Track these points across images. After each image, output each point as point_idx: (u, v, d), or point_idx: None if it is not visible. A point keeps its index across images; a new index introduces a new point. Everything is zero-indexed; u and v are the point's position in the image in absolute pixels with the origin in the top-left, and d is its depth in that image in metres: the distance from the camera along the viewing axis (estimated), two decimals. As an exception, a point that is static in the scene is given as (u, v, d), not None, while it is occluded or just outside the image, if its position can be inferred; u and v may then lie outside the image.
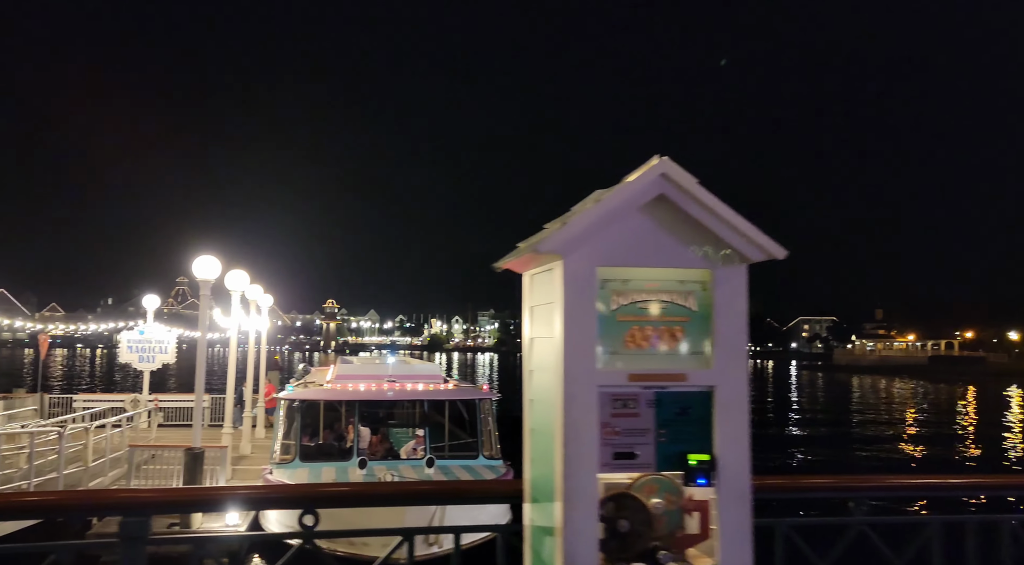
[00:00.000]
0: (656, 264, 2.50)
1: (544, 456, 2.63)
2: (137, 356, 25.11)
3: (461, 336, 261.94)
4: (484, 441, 14.76)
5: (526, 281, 2.91)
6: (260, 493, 3.13)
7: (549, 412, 2.57)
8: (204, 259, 13.26)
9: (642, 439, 2.48)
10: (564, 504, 2.39)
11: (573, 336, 2.42)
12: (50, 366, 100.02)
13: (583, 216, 2.42)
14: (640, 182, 2.44)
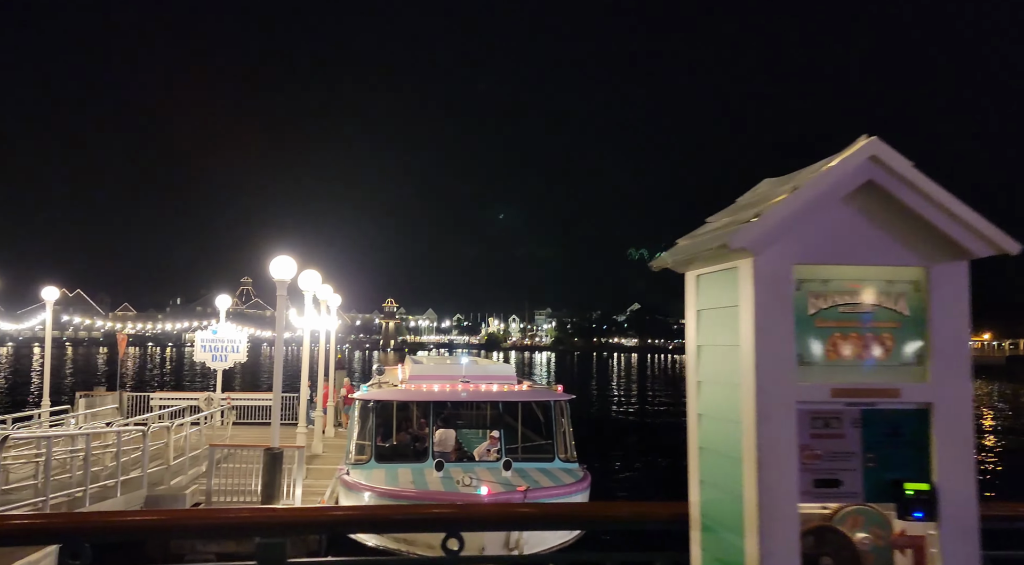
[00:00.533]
0: (862, 262, 2.17)
1: (720, 479, 2.32)
2: (210, 355, 25.55)
3: (518, 335, 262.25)
4: (560, 443, 14.46)
5: (690, 282, 2.61)
6: (398, 514, 2.85)
7: (727, 430, 2.26)
8: (281, 259, 13.29)
9: (847, 464, 2.16)
10: (760, 538, 2.08)
11: (767, 345, 2.10)
12: (123, 364, 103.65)
13: (780, 208, 2.10)
14: (845, 167, 2.11)
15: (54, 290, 21.60)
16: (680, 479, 2.66)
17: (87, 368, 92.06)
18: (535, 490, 11.41)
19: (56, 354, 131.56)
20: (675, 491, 10.06)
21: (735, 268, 2.22)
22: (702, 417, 2.48)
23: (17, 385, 60.91)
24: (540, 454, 14.55)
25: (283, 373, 14.04)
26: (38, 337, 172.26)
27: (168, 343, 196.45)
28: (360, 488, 12.45)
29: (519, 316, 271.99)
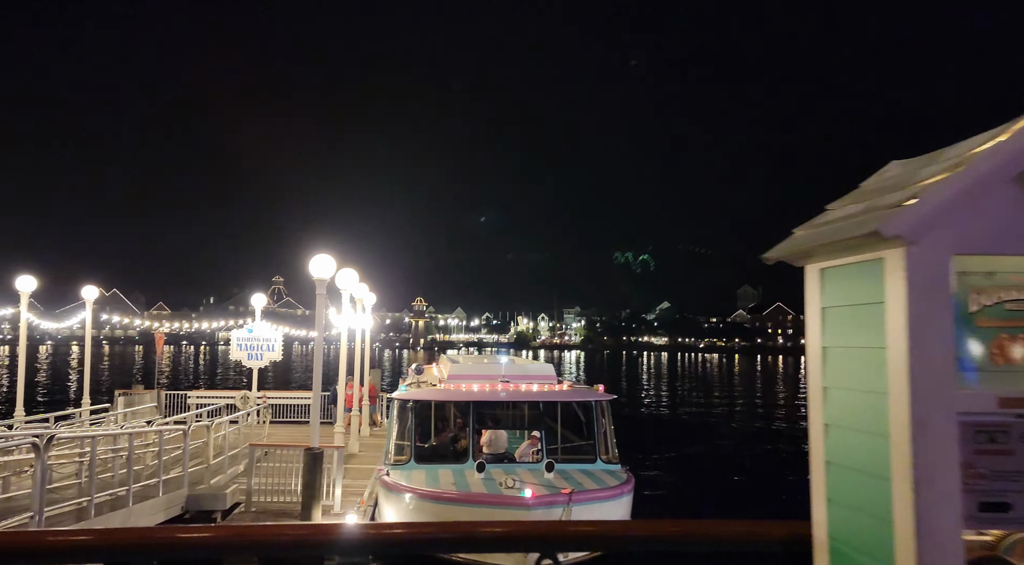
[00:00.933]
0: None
1: (857, 499, 2.06)
2: (246, 354, 25.69)
3: (547, 333, 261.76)
4: (602, 444, 14.20)
5: (811, 276, 2.34)
6: (489, 531, 2.61)
7: (866, 444, 2.00)
8: (320, 258, 13.19)
9: (1015, 485, 1.89)
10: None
11: (922, 348, 1.83)
12: (158, 363, 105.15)
13: (939, 189, 1.84)
14: (1016, 143, 1.84)
15: (94, 289, 21.79)
16: (724, 481, 2.50)
17: (123, 366, 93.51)
18: (580, 493, 11.15)
19: (94, 352, 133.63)
20: (721, 495, 9.65)
21: (879, 260, 1.95)
22: (829, 427, 2.22)
23: (56, 383, 61.96)
24: (581, 455, 14.29)
25: (324, 373, 13.93)
26: (75, 336, 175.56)
27: (202, 342, 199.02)
28: (400, 489, 12.28)
29: (548, 315, 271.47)
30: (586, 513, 11.23)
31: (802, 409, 49.20)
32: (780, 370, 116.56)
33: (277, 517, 13.03)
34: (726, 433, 34.98)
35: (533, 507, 10.64)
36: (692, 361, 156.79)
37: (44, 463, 8.34)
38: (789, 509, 4.82)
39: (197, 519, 13.03)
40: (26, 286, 18.08)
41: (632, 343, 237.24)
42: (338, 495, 13.52)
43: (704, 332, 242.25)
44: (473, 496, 11.23)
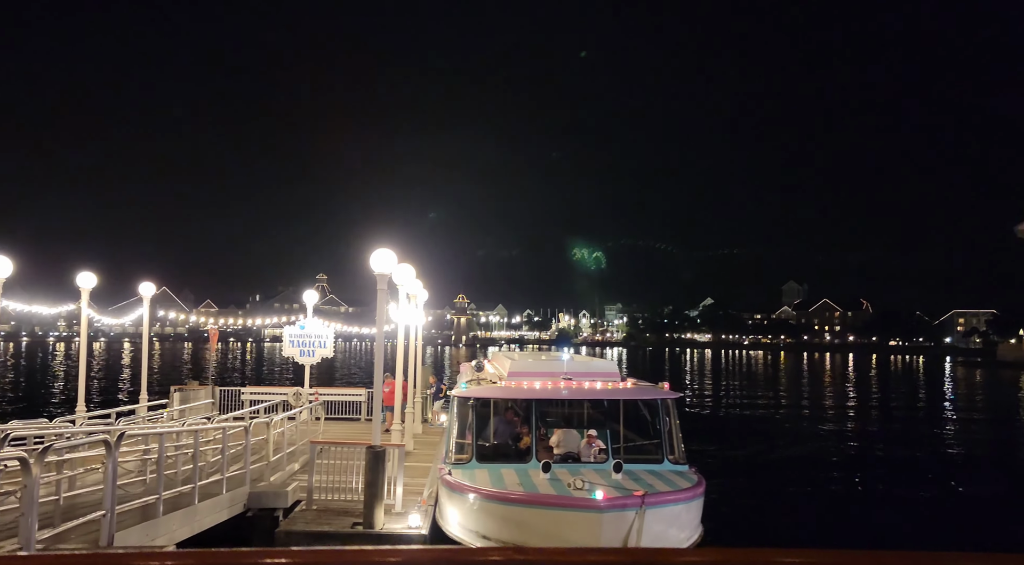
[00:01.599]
0: None
1: None
2: (298, 350, 25.66)
3: (589, 330, 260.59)
4: (669, 444, 13.73)
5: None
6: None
7: None
8: (381, 253, 12.93)
9: None
10: None
11: None
12: (207, 359, 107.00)
13: None
14: None
15: (151, 286, 21.92)
16: (794, 486, 2.10)
17: (174, 363, 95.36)
18: (653, 495, 10.70)
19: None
20: (782, 491, 8.64)
21: None
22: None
23: (111, 379, 63.26)
24: (647, 455, 13.84)
25: (367, 370, 13.70)
26: (127, 333, 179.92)
27: (249, 338, 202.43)
28: (464, 489, 11.97)
29: (589, 311, 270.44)
30: (659, 517, 10.80)
31: (865, 408, 47.87)
32: (828, 368, 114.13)
33: (339, 515, 12.83)
34: (782, 433, 34.08)
35: (605, 510, 10.24)
36: (736, 358, 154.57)
37: (115, 460, 8.21)
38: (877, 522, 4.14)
39: (260, 517, 12.91)
40: (86, 282, 18.22)
41: (675, 340, 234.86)
42: (399, 494, 13.27)
43: (748, 329, 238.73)
44: (542, 497, 10.86)
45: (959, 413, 46.57)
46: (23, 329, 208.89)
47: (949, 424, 39.95)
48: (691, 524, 11.91)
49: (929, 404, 52.25)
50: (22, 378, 62.93)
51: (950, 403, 54.37)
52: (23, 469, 6.71)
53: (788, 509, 17.31)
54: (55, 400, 44.12)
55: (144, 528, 9.15)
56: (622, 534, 10.41)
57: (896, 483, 22.01)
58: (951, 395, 62.78)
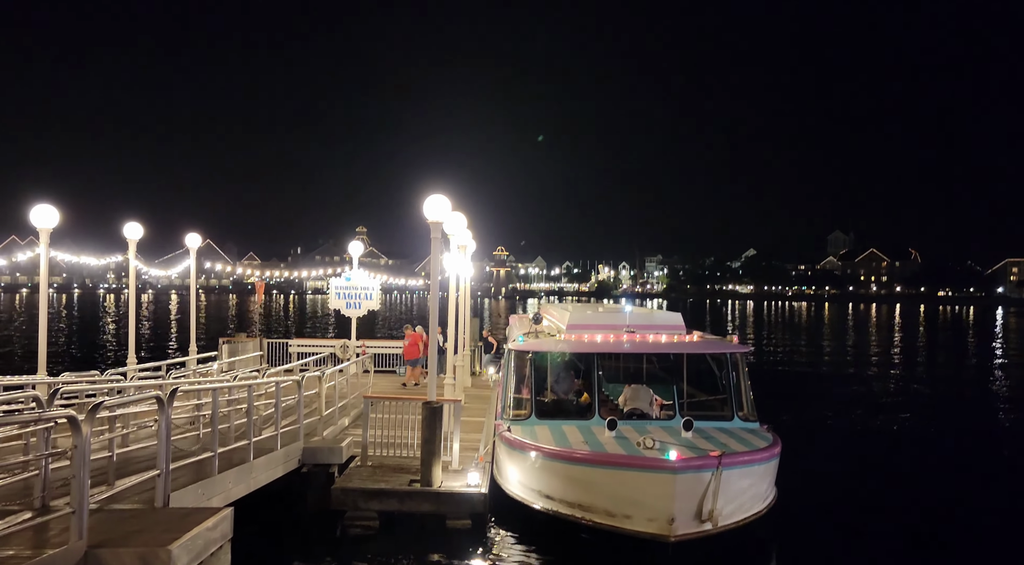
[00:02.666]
0: None
1: None
2: (344, 302, 25.23)
3: (628, 282, 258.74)
4: (739, 400, 13.03)
5: None
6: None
7: None
8: (435, 199, 12.24)
9: None
10: None
11: None
12: (252, 311, 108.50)
13: None
14: None
15: (197, 238, 21.63)
16: (863, 440, 1.54)
17: (220, 314, 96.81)
18: (730, 456, 10.04)
19: (189, 300, 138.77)
20: (853, 453, 7.23)
21: None
22: None
23: (160, 330, 64.31)
24: (716, 412, 13.17)
25: (410, 321, 13.15)
26: (173, 285, 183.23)
27: (291, 291, 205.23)
28: (526, 447, 11.44)
29: (629, 263, 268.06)
30: (736, 478, 10.16)
31: (922, 361, 46.46)
32: (873, 319, 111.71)
33: (395, 472, 12.43)
34: (836, 386, 33.06)
35: (680, 471, 9.62)
36: (779, 309, 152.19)
37: (168, 418, 7.78)
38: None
39: (314, 474, 12.57)
40: (133, 233, 17.91)
41: (716, 291, 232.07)
42: (456, 451, 12.81)
43: (792, 280, 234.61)
44: (611, 457, 10.27)
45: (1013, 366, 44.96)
46: (74, 281, 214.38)
47: (1005, 377, 38.45)
48: (767, 487, 11.27)
49: (981, 355, 50.54)
50: (74, 328, 64.32)
51: (1003, 354, 52.59)
52: (73, 428, 6.27)
53: (862, 473, 16.43)
54: (106, 351, 44.89)
55: (200, 487, 8.78)
56: (697, 497, 9.81)
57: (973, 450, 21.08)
58: (1002, 346, 60.87)
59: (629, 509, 10.07)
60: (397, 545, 11.16)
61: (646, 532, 9.92)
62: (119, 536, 6.68)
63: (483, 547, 11.24)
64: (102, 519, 7.08)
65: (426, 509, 11.55)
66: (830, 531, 12.38)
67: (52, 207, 14.52)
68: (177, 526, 6.98)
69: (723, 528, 10.13)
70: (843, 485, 15.14)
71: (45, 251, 14.69)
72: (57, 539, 6.46)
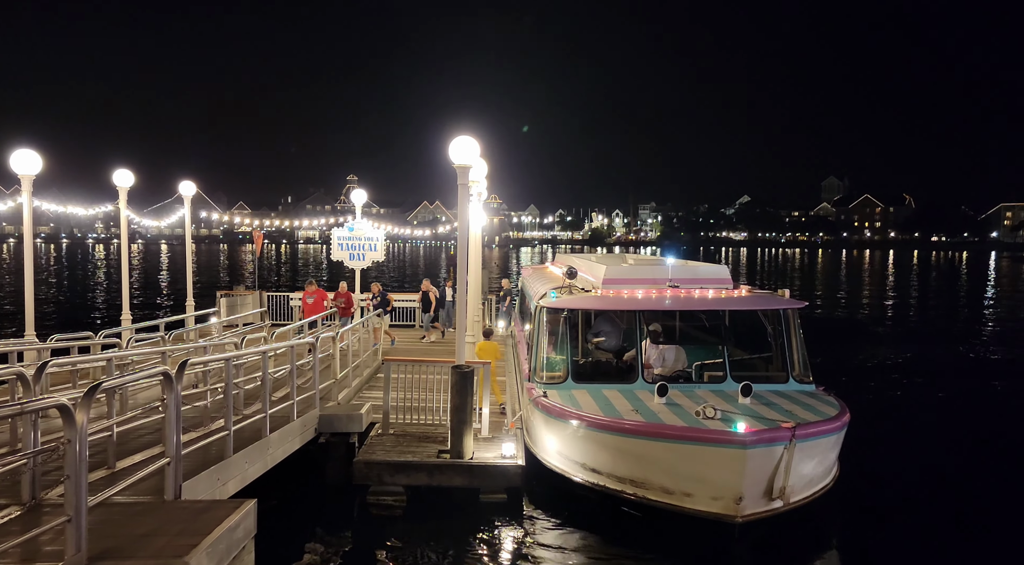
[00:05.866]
0: None
1: None
2: (348, 254, 23.99)
3: (622, 230, 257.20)
4: (792, 360, 11.98)
5: None
6: None
7: None
8: (462, 141, 10.92)
9: None
10: None
11: None
12: (244, 262, 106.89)
13: None
14: None
15: (191, 186, 20.22)
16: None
17: (211, 265, 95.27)
18: (804, 427, 9.02)
19: (181, 251, 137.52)
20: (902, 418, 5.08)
21: None
22: None
23: (150, 283, 62.87)
24: (769, 373, 12.14)
25: (407, 273, 11.95)
26: (163, 235, 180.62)
27: (283, 240, 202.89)
28: (567, 415, 10.38)
29: (623, 211, 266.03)
30: (809, 451, 9.15)
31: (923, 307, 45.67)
32: (867, 265, 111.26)
33: (420, 442, 11.40)
34: (860, 338, 32.21)
35: (751, 445, 8.59)
36: (772, 256, 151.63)
37: (178, 396, 6.62)
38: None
39: (333, 444, 11.51)
40: (124, 181, 16.52)
41: (710, 239, 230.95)
42: (486, 416, 11.77)
43: (786, 227, 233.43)
44: (670, 429, 9.21)
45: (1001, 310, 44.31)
46: (62, 231, 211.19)
47: (985, 320, 37.72)
48: (833, 460, 10.30)
49: (971, 301, 49.88)
50: (64, 282, 62.79)
51: (993, 299, 52.03)
52: (65, 419, 5.12)
53: (920, 440, 15.47)
54: (98, 306, 43.55)
55: (214, 471, 7.68)
56: (768, 472, 8.81)
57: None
58: (993, 290, 60.59)
59: (690, 486, 9.08)
60: (427, 522, 10.19)
61: (710, 511, 8.95)
62: (125, 542, 5.60)
63: (521, 523, 10.28)
64: (103, 517, 6.00)
65: (458, 483, 10.55)
66: (896, 503, 11.45)
67: (34, 152, 13.14)
68: (194, 526, 5.90)
69: (793, 505, 9.19)
70: (901, 452, 14.23)
71: (28, 200, 13.35)
72: (50, 549, 5.38)
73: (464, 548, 9.50)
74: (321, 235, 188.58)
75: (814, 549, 9.76)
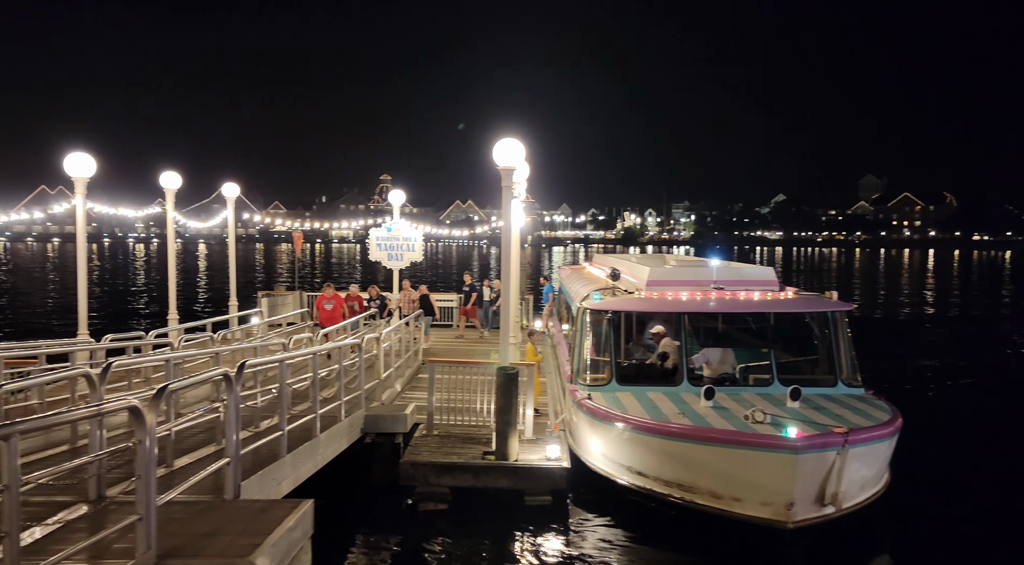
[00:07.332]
0: None
1: None
2: (386, 254, 24.15)
3: (655, 229, 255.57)
4: (840, 363, 11.82)
5: None
6: None
7: None
8: (506, 143, 10.96)
9: None
10: None
11: None
12: (279, 261, 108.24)
13: None
14: None
15: (235, 187, 20.53)
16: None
17: (248, 264, 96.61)
18: (857, 432, 8.90)
19: (219, 250, 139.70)
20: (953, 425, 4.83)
21: None
22: None
23: (190, 283, 63.93)
24: (816, 376, 11.99)
25: (440, 274, 11.99)
26: (200, 234, 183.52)
27: (316, 239, 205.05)
28: (612, 418, 10.36)
29: (656, 210, 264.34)
30: (861, 457, 9.02)
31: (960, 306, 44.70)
32: (905, 264, 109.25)
33: (465, 443, 11.47)
34: (905, 340, 31.68)
35: (803, 450, 8.50)
36: (808, 255, 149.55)
37: (237, 397, 6.75)
38: None
39: (378, 444, 11.63)
40: (170, 183, 16.84)
41: (744, 238, 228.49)
42: (529, 418, 11.80)
43: (822, 225, 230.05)
44: (719, 433, 9.15)
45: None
46: (104, 230, 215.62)
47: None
48: (884, 466, 10.14)
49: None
50: (106, 279, 64.13)
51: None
52: (135, 420, 5.25)
53: (973, 443, 15.14)
54: (143, 305, 44.45)
55: (270, 471, 7.81)
56: (819, 478, 8.70)
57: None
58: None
59: (739, 491, 9.01)
60: (472, 523, 10.24)
61: (760, 517, 8.87)
62: (190, 541, 5.71)
63: (566, 526, 10.28)
64: (166, 515, 6.11)
65: (503, 485, 10.60)
66: (950, 510, 11.23)
67: (88, 155, 13.45)
68: (254, 526, 6.00)
69: (845, 511, 9.07)
70: (953, 458, 13.95)
71: (82, 202, 13.67)
72: (119, 546, 5.51)
73: (509, 550, 9.54)
74: (355, 235, 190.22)
75: (866, 557, 9.63)
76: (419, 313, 20.18)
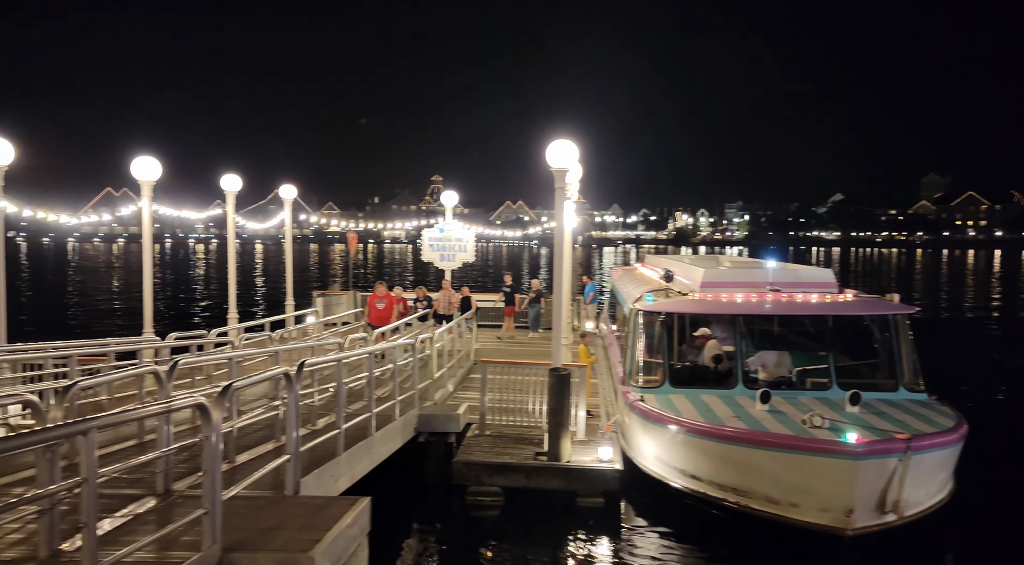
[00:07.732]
0: None
1: None
2: (439, 254, 24.43)
3: (708, 229, 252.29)
4: (902, 368, 11.52)
5: None
6: None
7: None
8: (560, 144, 10.97)
9: None
10: None
11: None
12: (333, 261, 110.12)
13: None
14: None
15: (292, 189, 20.98)
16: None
17: (302, 264, 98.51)
18: (920, 438, 8.67)
19: (275, 250, 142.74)
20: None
21: None
22: None
23: (248, 282, 65.39)
24: (877, 381, 11.71)
25: (490, 274, 12.00)
26: (257, 234, 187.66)
27: (368, 240, 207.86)
28: (666, 420, 10.29)
29: (708, 209, 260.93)
30: (924, 465, 8.78)
31: None
32: (970, 265, 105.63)
33: (517, 444, 11.52)
34: (974, 344, 30.68)
35: (863, 456, 8.32)
36: (866, 256, 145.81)
37: (296, 395, 6.93)
38: None
39: (431, 444, 11.76)
40: (231, 185, 17.30)
41: (800, 238, 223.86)
42: (582, 419, 11.79)
43: (881, 225, 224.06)
44: (776, 437, 9.01)
45: None
46: (165, 231, 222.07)
47: None
48: (948, 474, 9.84)
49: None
50: (168, 279, 66.09)
51: None
52: (202, 416, 5.42)
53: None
54: (201, 302, 45.67)
55: (327, 469, 7.98)
56: (880, 485, 8.50)
57: None
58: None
59: (797, 497, 8.86)
60: (524, 523, 10.28)
61: (818, 523, 8.71)
62: (253, 535, 5.87)
63: (618, 528, 10.25)
64: (229, 509, 6.29)
65: (555, 486, 10.62)
66: (1016, 521, 10.85)
67: (154, 159, 13.91)
68: (314, 522, 6.14)
69: (906, 519, 8.85)
70: (1021, 466, 13.48)
71: (148, 205, 14.14)
72: (186, 539, 5.69)
73: (562, 551, 9.55)
74: (407, 235, 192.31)
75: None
76: (471, 314, 20.27)
